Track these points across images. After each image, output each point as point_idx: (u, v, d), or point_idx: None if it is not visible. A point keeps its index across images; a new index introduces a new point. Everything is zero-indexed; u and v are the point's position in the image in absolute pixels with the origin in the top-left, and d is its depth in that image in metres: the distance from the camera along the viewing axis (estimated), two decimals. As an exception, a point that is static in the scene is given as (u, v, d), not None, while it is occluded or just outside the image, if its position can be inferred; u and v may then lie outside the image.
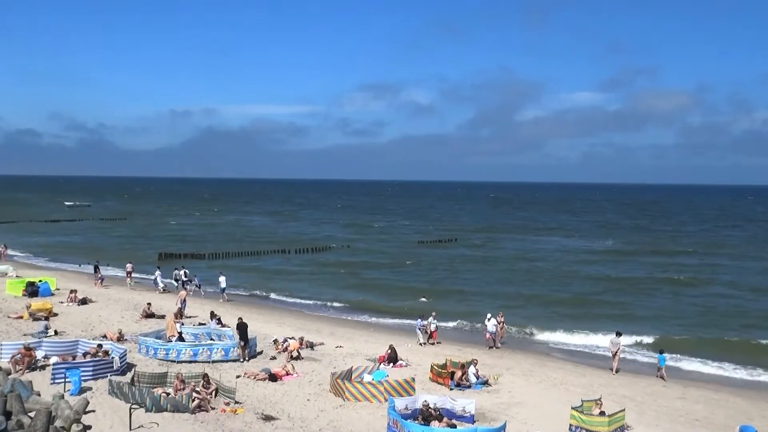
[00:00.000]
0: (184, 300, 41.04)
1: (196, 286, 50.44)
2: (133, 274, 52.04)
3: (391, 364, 30.51)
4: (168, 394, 23.49)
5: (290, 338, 32.85)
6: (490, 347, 36.02)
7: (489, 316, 37.14)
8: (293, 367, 28.60)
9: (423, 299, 52.49)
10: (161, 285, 50.25)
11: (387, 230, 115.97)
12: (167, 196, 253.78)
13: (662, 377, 31.23)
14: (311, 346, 33.24)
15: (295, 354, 30.69)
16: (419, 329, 36.33)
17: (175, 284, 50.47)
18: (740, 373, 34.26)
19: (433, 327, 36.26)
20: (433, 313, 37.22)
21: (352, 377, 26.76)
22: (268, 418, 22.55)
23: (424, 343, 35.71)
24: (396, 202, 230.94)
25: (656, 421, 24.47)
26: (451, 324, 43.30)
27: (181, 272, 51.52)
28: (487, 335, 36.51)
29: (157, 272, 51.45)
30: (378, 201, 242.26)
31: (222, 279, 49.22)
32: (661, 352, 32.36)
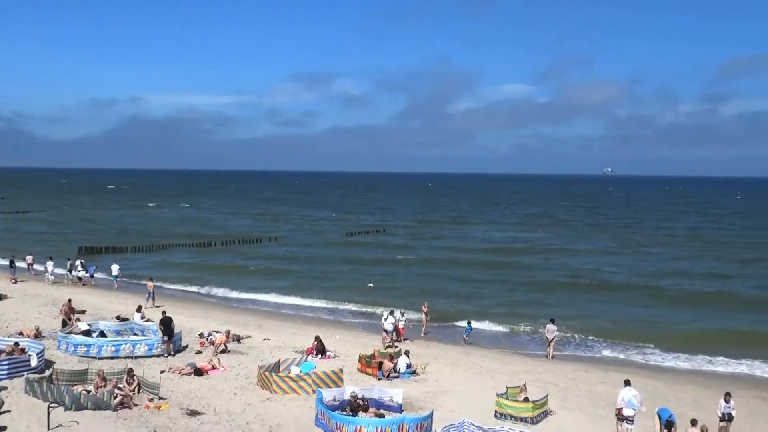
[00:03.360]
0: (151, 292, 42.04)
1: (90, 276, 50.76)
2: (33, 266, 52.98)
3: (319, 356, 30.41)
4: (89, 391, 22.83)
5: (216, 332, 32.41)
6: (388, 345, 33.31)
7: (386, 315, 34.69)
8: (219, 361, 28.20)
9: (370, 285, 53.78)
10: (51, 276, 49.55)
11: (316, 222, 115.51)
12: (88, 188, 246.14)
13: (468, 343, 34.98)
14: (238, 339, 32.83)
15: (221, 348, 30.28)
16: (387, 326, 34.59)
17: (70, 275, 50.86)
18: (656, 358, 35.55)
19: (401, 324, 35.45)
20: (402, 310, 36.79)
21: (280, 370, 26.59)
22: (193, 413, 22.18)
23: (392, 343, 33.63)
24: (325, 193, 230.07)
25: (578, 406, 25.14)
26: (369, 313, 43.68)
27: (77, 263, 51.89)
28: (383, 334, 33.95)
29: (49, 263, 50.49)
30: (307, 192, 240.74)
31: (114, 267, 50.04)
32: (468, 324, 36.44)
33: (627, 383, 22.46)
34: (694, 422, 20.31)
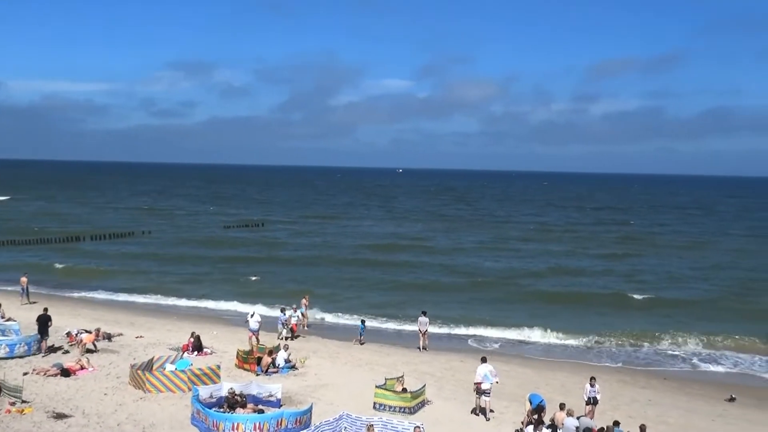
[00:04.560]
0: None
1: None
2: None
3: (196, 353, 29.71)
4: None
5: (85, 330, 30.95)
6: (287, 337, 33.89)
7: (251, 313, 33.48)
8: (88, 361, 26.96)
9: (253, 278, 53.60)
10: None
11: (192, 215, 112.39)
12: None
13: (361, 343, 34.10)
14: (109, 337, 31.52)
15: (90, 346, 28.98)
16: (281, 323, 34.37)
17: None
18: (530, 348, 37.13)
19: (294, 320, 34.95)
20: (294, 306, 36.21)
21: (154, 368, 25.71)
22: (59, 416, 21.08)
23: (286, 338, 33.51)
24: (202, 186, 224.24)
25: (454, 395, 25.79)
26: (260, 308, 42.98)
27: None
28: (249, 334, 32.35)
29: None
30: (184, 185, 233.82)
31: None
32: (362, 322, 35.58)
33: (483, 360, 24.05)
34: (562, 406, 21.29)
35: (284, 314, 34.66)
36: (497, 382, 23.63)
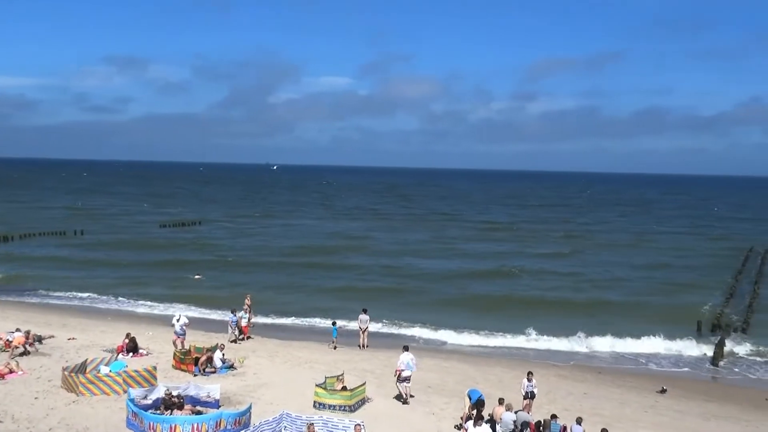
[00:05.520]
0: None
1: None
2: None
3: (131, 354, 29.08)
4: None
5: (14, 332, 29.89)
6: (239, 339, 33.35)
7: (177, 316, 31.02)
8: (17, 364, 26.06)
9: (197, 276, 53.23)
10: None
11: (126, 214, 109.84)
12: None
13: (335, 347, 33.24)
14: (39, 339, 30.50)
15: (20, 349, 28.02)
16: (232, 324, 33.54)
17: None
18: (466, 341, 37.65)
19: (243, 322, 34.13)
20: (245, 307, 35.21)
21: (87, 370, 25.05)
22: (-13, 422, 20.34)
23: (236, 340, 32.94)
24: (138, 184, 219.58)
25: (394, 392, 25.77)
26: (193, 308, 42.51)
27: None
28: (174, 337, 30.20)
29: None
30: (118, 183, 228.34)
31: None
32: (333, 324, 34.45)
33: (405, 348, 25.24)
34: (500, 401, 21.59)
35: (235, 315, 33.98)
36: (414, 370, 24.57)
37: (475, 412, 21.15)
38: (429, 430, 21.92)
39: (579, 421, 20.64)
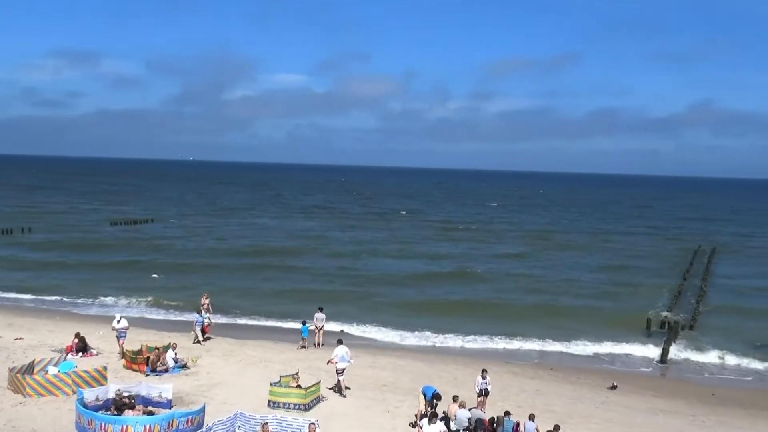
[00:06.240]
0: None
1: None
2: None
3: (80, 354, 28.53)
4: None
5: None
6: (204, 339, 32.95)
7: (117, 317, 30.01)
8: (-38, 365, 25.37)
9: (153, 276, 52.81)
10: None
11: (77, 212, 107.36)
12: None
13: (303, 347, 33.00)
14: (-15, 340, 29.78)
15: (-36, 350, 27.29)
16: (197, 325, 32.88)
17: None
18: (421, 340, 37.80)
19: (206, 322, 33.52)
20: (205, 306, 34.56)
21: (35, 371, 24.49)
22: (-72, 425, 19.74)
23: (200, 341, 32.36)
24: (88, 181, 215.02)
25: (349, 391, 25.82)
26: (145, 308, 41.92)
27: None
28: (119, 340, 29.25)
29: None
30: (68, 179, 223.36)
31: None
32: (303, 324, 33.92)
33: (340, 342, 26.34)
34: (455, 398, 21.72)
35: (200, 316, 33.37)
36: (352, 362, 25.58)
37: (430, 408, 21.26)
38: (384, 427, 21.96)
39: (532, 417, 20.90)
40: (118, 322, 29.51)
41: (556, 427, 20.30)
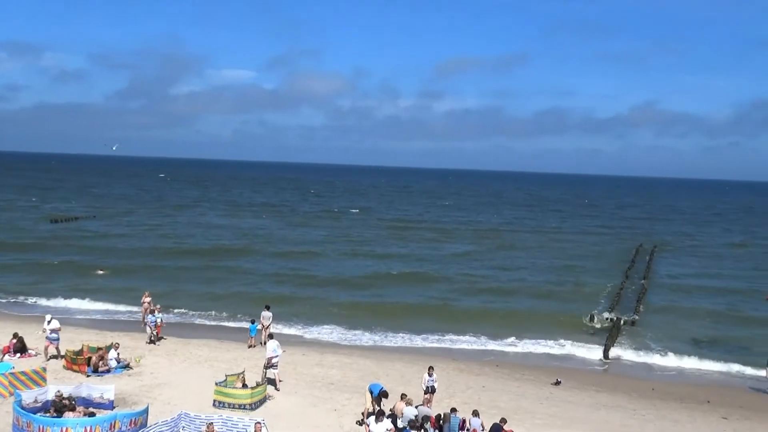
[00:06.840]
0: None
1: None
2: None
3: (18, 355, 27.80)
4: None
5: None
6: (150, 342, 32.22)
7: (48, 318, 28.62)
8: None
9: (100, 272, 52.34)
10: None
11: (15, 209, 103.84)
12: None
13: (252, 346, 32.80)
14: None
15: None
16: (150, 325, 32.44)
17: None
18: (367, 338, 37.95)
19: (158, 321, 32.88)
20: (158, 306, 34.09)
21: (-30, 373, 23.76)
22: None
23: (153, 341, 31.96)
24: (26, 176, 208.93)
25: (296, 389, 25.75)
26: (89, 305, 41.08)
27: None
28: (46, 343, 28.16)
29: None
30: (4, 174, 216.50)
31: None
32: (252, 323, 33.64)
33: (271, 336, 27.15)
34: (402, 396, 21.82)
35: (154, 316, 32.73)
36: (281, 353, 26.22)
37: (376, 407, 21.32)
38: (331, 426, 21.94)
39: (476, 413, 21.13)
40: (49, 323, 28.33)
41: (503, 420, 20.60)
